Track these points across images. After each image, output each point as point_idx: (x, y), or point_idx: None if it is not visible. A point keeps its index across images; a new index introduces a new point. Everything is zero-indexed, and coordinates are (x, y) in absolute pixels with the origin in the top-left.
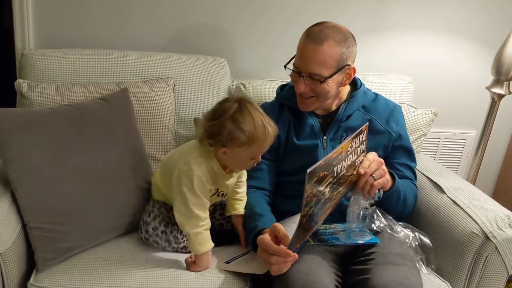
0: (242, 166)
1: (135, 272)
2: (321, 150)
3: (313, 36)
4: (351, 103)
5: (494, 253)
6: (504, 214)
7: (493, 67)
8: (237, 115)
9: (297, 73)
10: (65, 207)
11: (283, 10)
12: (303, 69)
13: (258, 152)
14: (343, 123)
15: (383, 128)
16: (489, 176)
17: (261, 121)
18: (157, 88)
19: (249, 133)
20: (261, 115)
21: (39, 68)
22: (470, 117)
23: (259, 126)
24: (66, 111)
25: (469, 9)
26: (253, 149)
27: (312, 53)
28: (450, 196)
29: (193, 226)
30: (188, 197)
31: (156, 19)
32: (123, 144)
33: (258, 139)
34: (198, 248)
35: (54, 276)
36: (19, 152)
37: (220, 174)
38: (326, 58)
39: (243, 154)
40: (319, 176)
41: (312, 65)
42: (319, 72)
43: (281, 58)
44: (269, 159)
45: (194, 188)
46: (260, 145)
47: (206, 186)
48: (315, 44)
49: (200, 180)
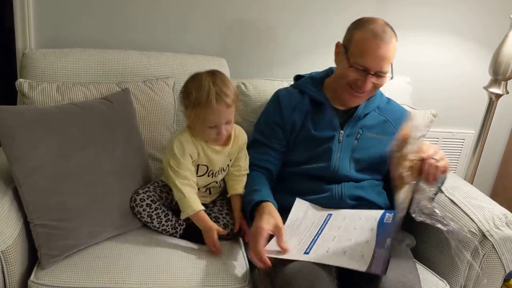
0: (205, 134)
1: (134, 269)
2: (336, 142)
3: (380, 36)
4: (369, 102)
5: (491, 252)
6: (501, 213)
7: (491, 67)
8: (191, 79)
9: (363, 71)
10: (69, 204)
11: (282, 10)
12: (374, 67)
13: (209, 119)
14: (360, 120)
15: (397, 130)
16: (488, 176)
17: (209, 88)
18: (157, 88)
19: (194, 95)
20: (213, 85)
21: (40, 68)
22: (469, 117)
23: (204, 91)
24: (70, 110)
25: (466, 9)
26: (202, 114)
27: (384, 52)
28: (448, 195)
29: (176, 189)
30: (169, 157)
31: (156, 19)
32: (125, 143)
33: (200, 103)
34: (187, 211)
35: (55, 273)
36: (25, 150)
37: (206, 147)
38: (392, 55)
39: (197, 120)
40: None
41: (383, 62)
42: (387, 69)
43: (280, 58)
44: (277, 149)
45: (174, 151)
46: (205, 111)
47: (184, 150)
48: (385, 43)
49: (179, 143)
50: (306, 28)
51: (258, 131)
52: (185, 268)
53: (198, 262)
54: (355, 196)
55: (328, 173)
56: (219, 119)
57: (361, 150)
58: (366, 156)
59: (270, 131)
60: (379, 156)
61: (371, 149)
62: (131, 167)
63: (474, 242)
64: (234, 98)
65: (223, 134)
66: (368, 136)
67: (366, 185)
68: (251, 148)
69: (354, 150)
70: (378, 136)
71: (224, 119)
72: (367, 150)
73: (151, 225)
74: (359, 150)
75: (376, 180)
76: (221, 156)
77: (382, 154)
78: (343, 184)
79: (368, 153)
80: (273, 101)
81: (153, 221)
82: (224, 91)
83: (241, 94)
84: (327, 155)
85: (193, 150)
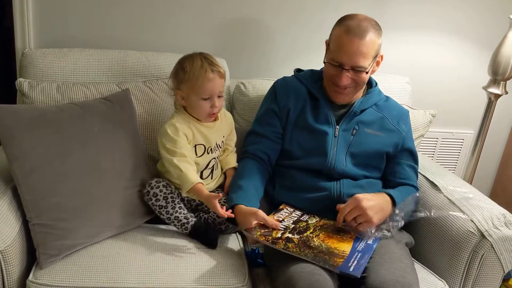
0: (200, 108)
1: (133, 269)
2: (332, 138)
3: (355, 31)
4: (366, 98)
5: (490, 252)
6: (500, 213)
7: (490, 67)
8: (182, 58)
9: (338, 67)
10: (68, 204)
11: (280, 10)
12: (347, 62)
13: (205, 89)
14: (357, 116)
15: (394, 128)
16: (487, 176)
17: (202, 61)
18: (156, 89)
19: (188, 68)
20: (205, 59)
21: (39, 67)
22: (468, 117)
23: (198, 63)
24: (70, 109)
25: (465, 9)
26: (197, 85)
27: (357, 46)
28: (447, 195)
29: (174, 166)
30: (164, 141)
31: (155, 20)
32: (125, 144)
33: (195, 74)
34: (186, 185)
35: (53, 273)
36: (24, 149)
37: (198, 125)
38: (369, 50)
39: (192, 93)
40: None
41: (357, 58)
42: (363, 64)
43: (279, 58)
44: (272, 139)
45: (168, 133)
46: (201, 81)
47: (178, 129)
48: (358, 38)
49: (171, 125)
50: (304, 27)
51: (255, 121)
52: (184, 268)
53: (197, 261)
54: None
55: (325, 168)
56: (213, 88)
57: (357, 145)
58: (362, 151)
59: (267, 119)
60: (376, 151)
61: (367, 144)
62: (130, 168)
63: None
64: (224, 73)
65: (216, 106)
66: (364, 132)
67: (365, 184)
68: (247, 139)
69: (350, 145)
70: (375, 132)
71: (217, 89)
72: (363, 145)
73: (164, 211)
74: (355, 145)
75: (374, 178)
76: (214, 132)
77: (378, 150)
78: (341, 182)
79: (364, 148)
80: (270, 90)
81: (167, 205)
82: (215, 63)
83: (240, 94)
84: (323, 149)
85: (186, 129)
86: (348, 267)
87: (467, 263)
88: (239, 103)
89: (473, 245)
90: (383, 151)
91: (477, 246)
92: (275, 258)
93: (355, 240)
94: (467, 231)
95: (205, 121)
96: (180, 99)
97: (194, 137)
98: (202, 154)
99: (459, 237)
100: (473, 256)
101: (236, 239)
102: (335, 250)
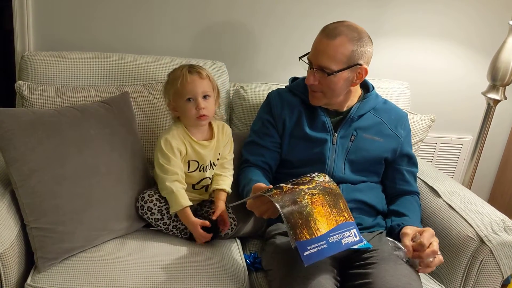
0: (187, 112)
1: (132, 272)
2: (330, 145)
3: (327, 32)
4: (363, 103)
5: (489, 257)
6: (499, 218)
7: (489, 73)
8: (169, 73)
9: (310, 66)
10: (66, 207)
11: (281, 15)
12: (314, 61)
13: (186, 91)
14: (355, 122)
15: (392, 133)
16: (485, 181)
17: (181, 67)
18: (156, 92)
19: (170, 77)
20: (184, 66)
21: (38, 70)
22: (467, 122)
23: (177, 70)
24: (69, 113)
25: (465, 15)
26: (179, 88)
27: (324, 46)
28: (446, 200)
29: (165, 186)
30: (159, 156)
31: (155, 24)
32: (124, 147)
33: (175, 78)
34: (175, 207)
35: (51, 277)
36: (23, 152)
37: (193, 142)
38: (337, 53)
39: (177, 98)
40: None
41: (322, 57)
42: (328, 65)
43: (280, 62)
44: (271, 149)
45: (163, 148)
46: (181, 84)
47: (172, 146)
48: (327, 38)
49: (167, 141)
50: (305, 32)
51: (253, 131)
52: (183, 271)
53: (196, 264)
54: (352, 199)
55: None
56: (194, 88)
57: (355, 152)
58: (361, 157)
59: (263, 130)
60: (374, 157)
61: (365, 151)
62: (129, 171)
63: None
64: (208, 75)
65: (201, 108)
66: (363, 138)
67: (364, 188)
68: (246, 149)
69: (348, 152)
70: (373, 137)
71: (199, 89)
72: (362, 152)
73: (161, 223)
74: (354, 152)
75: (373, 182)
76: (208, 151)
77: (377, 156)
78: (341, 186)
79: (363, 154)
80: (264, 102)
81: (163, 217)
82: (196, 66)
83: (240, 98)
84: (321, 157)
85: (180, 145)
86: (306, 249)
87: (466, 269)
88: (238, 107)
89: (472, 250)
90: (381, 156)
91: (476, 252)
92: (272, 263)
93: (336, 227)
94: (466, 236)
95: (196, 126)
96: (172, 110)
97: (187, 153)
98: (195, 170)
99: (458, 243)
100: (472, 262)
101: (235, 243)
102: (312, 222)
